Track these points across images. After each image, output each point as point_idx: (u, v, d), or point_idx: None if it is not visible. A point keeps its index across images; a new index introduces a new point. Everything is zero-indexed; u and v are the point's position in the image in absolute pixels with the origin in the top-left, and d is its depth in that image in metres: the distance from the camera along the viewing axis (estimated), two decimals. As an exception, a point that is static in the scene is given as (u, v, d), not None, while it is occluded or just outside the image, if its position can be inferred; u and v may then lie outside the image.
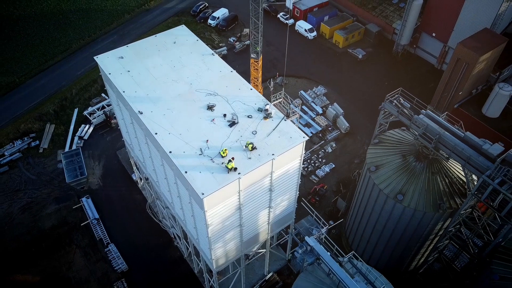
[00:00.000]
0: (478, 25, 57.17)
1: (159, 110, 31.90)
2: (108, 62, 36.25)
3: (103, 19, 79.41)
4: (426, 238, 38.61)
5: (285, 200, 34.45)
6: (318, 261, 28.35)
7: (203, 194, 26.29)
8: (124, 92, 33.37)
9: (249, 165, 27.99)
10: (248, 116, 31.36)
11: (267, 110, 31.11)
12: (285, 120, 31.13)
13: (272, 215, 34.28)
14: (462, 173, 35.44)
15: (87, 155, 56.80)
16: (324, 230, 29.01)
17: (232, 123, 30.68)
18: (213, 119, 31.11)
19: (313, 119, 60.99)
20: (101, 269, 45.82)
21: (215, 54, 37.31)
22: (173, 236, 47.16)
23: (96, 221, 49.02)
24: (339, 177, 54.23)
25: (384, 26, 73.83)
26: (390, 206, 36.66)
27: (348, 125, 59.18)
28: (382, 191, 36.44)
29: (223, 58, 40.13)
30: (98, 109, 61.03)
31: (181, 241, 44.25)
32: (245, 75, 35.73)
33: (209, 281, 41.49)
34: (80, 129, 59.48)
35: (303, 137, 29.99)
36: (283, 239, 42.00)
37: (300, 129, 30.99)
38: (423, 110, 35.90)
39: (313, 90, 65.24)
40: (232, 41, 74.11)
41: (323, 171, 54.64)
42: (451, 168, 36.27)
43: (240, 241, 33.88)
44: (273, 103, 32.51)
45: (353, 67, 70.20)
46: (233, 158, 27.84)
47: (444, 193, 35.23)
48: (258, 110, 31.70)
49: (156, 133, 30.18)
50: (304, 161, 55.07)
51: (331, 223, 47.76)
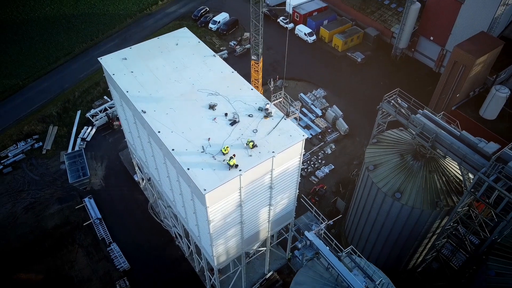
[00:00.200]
0: (475, 29, 57.87)
1: (162, 110, 32.59)
2: (112, 63, 37.04)
3: (105, 23, 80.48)
4: (424, 236, 39.16)
5: (285, 198, 35.01)
6: (317, 255, 28.98)
7: (205, 190, 26.87)
8: (127, 92, 34.10)
9: (250, 162, 28.58)
10: (249, 115, 32.05)
11: (267, 109, 31.82)
12: (285, 119, 31.85)
13: (273, 213, 34.82)
14: (459, 171, 36.14)
15: (89, 156, 57.42)
16: (323, 226, 29.61)
17: (233, 122, 31.36)
18: (214, 118, 31.78)
19: (312, 121, 61.75)
20: (103, 268, 46.35)
21: (216, 55, 38.11)
22: (174, 235, 47.72)
23: (98, 221, 49.58)
24: (338, 178, 54.88)
25: (383, 30, 74.75)
26: (388, 204, 37.27)
27: (347, 127, 59.90)
28: (380, 189, 37.05)
29: (224, 61, 40.82)
30: (100, 111, 61.82)
31: (182, 240, 44.81)
32: (246, 78, 36.45)
33: (210, 280, 42.00)
34: (82, 131, 60.15)
35: (303, 135, 30.68)
36: (283, 237, 42.57)
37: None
38: (420, 110, 36.61)
39: (313, 92, 66.05)
40: (233, 45, 75.09)
41: (323, 172, 55.29)
42: (447, 166, 36.93)
43: (241, 238, 34.38)
44: (273, 102, 33.21)
45: (352, 70, 71.00)
46: (234, 155, 28.46)
47: (441, 191, 35.88)
48: (259, 110, 32.43)
49: (159, 132, 30.87)
50: (303, 162, 55.82)
51: (330, 223, 48.41)
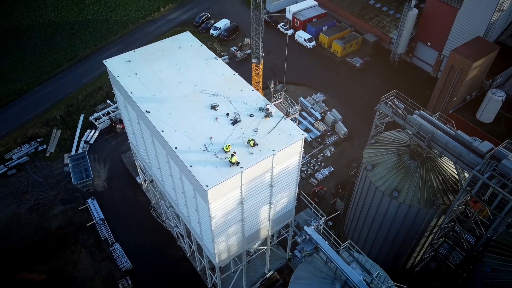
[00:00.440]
0: (471, 34, 58.94)
1: (165, 110, 33.56)
2: (116, 65, 38.12)
3: (108, 30, 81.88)
4: (421, 235, 39.87)
5: (285, 197, 35.81)
6: (316, 250, 29.75)
7: (207, 186, 27.71)
8: (132, 93, 35.10)
9: (250, 160, 29.45)
10: (250, 115, 33.01)
11: (267, 109, 32.81)
12: (285, 119, 32.81)
13: (273, 211, 35.59)
14: (455, 170, 36.97)
15: (92, 159, 58.27)
16: (322, 221, 30.43)
17: (235, 122, 32.32)
18: (216, 118, 32.75)
19: (312, 125, 62.68)
20: (106, 268, 46.99)
21: (218, 58, 39.18)
22: (176, 235, 48.42)
23: (101, 222, 50.32)
24: (337, 180, 55.68)
25: (381, 36, 76.01)
26: (386, 203, 38.05)
27: (346, 130, 60.85)
28: (378, 188, 37.85)
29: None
30: (103, 114, 62.81)
31: (184, 239, 45.52)
32: (247, 82, 37.47)
33: (212, 278, 42.65)
34: (86, 134, 61.09)
35: (302, 134, 31.61)
36: (283, 236, 43.28)
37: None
38: (416, 111, 37.55)
39: (312, 97, 67.09)
40: (234, 50, 76.35)
41: (322, 174, 56.10)
42: (444, 166, 37.77)
43: (242, 236, 35.13)
44: (273, 103, 34.19)
45: (351, 75, 72.15)
46: (234, 152, 29.35)
47: (437, 190, 36.68)
48: (259, 110, 33.40)
49: (162, 131, 31.81)
50: (303, 164, 56.69)
51: (330, 223, 49.13)
